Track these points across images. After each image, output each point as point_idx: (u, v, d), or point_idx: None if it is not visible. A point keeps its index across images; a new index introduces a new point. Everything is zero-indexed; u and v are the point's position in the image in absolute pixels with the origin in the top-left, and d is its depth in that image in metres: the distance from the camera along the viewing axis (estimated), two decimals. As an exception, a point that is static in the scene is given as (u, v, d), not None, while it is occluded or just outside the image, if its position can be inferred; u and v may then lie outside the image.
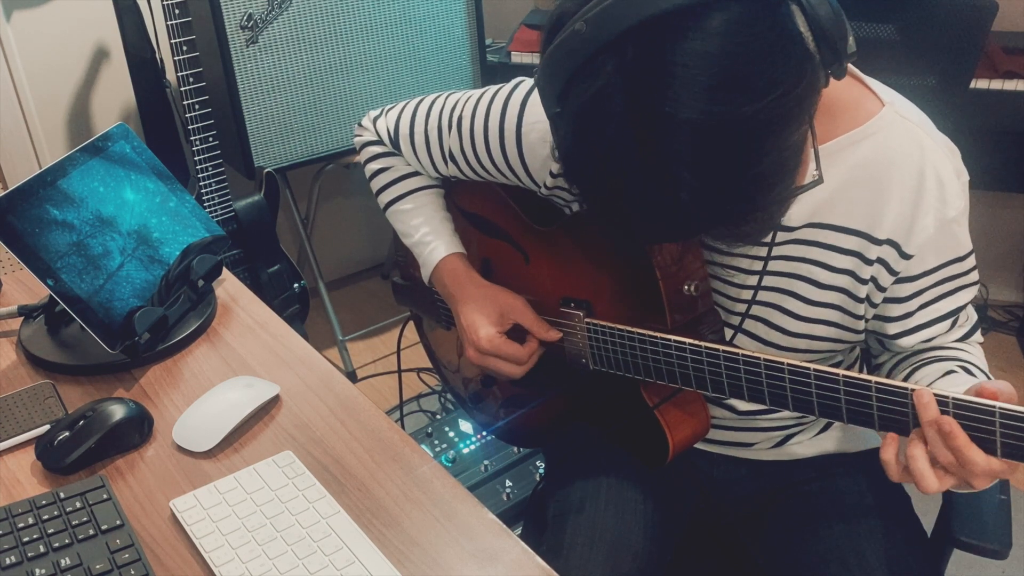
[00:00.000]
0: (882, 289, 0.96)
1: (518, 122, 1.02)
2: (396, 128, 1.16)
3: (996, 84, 2.10)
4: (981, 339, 1.02)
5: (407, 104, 1.17)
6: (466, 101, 1.09)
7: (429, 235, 1.19)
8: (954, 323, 0.98)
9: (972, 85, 2.04)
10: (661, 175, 0.72)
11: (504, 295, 1.13)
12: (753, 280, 1.00)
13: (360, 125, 1.23)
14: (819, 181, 0.80)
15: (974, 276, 0.98)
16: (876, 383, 0.81)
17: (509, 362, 1.11)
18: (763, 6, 0.70)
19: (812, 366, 0.85)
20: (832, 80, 0.76)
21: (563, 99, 0.75)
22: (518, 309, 1.12)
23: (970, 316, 1.01)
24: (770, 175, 0.73)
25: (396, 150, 1.18)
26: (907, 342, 0.99)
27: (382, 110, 1.20)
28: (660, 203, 0.74)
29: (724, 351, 0.91)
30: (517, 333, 1.13)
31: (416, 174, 1.21)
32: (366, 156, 1.23)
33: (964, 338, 1.00)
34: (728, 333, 1.04)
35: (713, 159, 0.71)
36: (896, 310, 0.97)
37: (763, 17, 0.69)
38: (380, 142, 1.20)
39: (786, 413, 1.08)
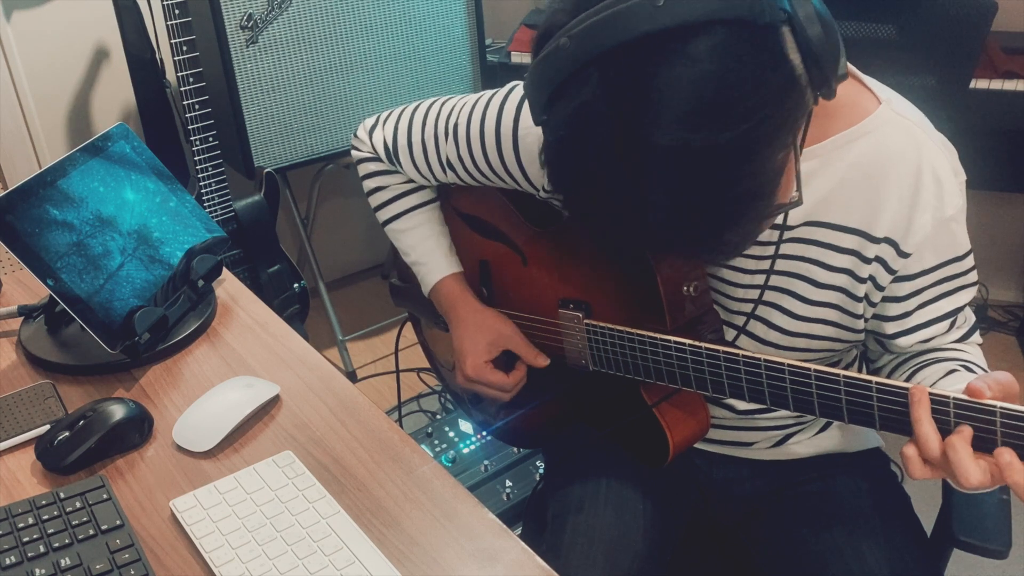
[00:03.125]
0: (880, 288, 0.96)
1: (514, 126, 1.02)
2: (394, 139, 1.16)
3: (996, 84, 2.10)
4: (980, 340, 1.01)
5: (402, 112, 1.17)
6: (461, 108, 1.09)
7: (426, 255, 1.21)
8: (952, 324, 0.98)
9: (972, 85, 2.04)
10: (635, 195, 0.72)
11: (495, 321, 1.16)
12: (759, 279, 1.00)
13: (356, 137, 1.22)
14: (798, 203, 0.80)
15: (973, 276, 0.97)
16: (877, 383, 0.81)
17: (493, 389, 1.16)
18: (750, 30, 0.69)
19: (812, 366, 0.85)
20: None
21: (547, 110, 0.76)
22: (507, 336, 1.15)
23: (968, 318, 1.00)
24: (746, 199, 0.73)
25: (394, 162, 1.18)
26: (905, 342, 0.98)
27: (376, 119, 1.20)
28: (633, 218, 0.74)
29: (724, 352, 0.91)
30: (507, 357, 1.15)
31: (413, 191, 1.21)
32: (363, 172, 1.23)
33: (962, 339, 1.00)
34: (730, 334, 1.04)
35: (687, 183, 0.71)
36: (894, 309, 0.97)
37: (749, 42, 0.69)
38: (376, 158, 1.20)
39: (785, 412, 1.08)
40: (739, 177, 0.71)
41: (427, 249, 1.21)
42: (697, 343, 0.93)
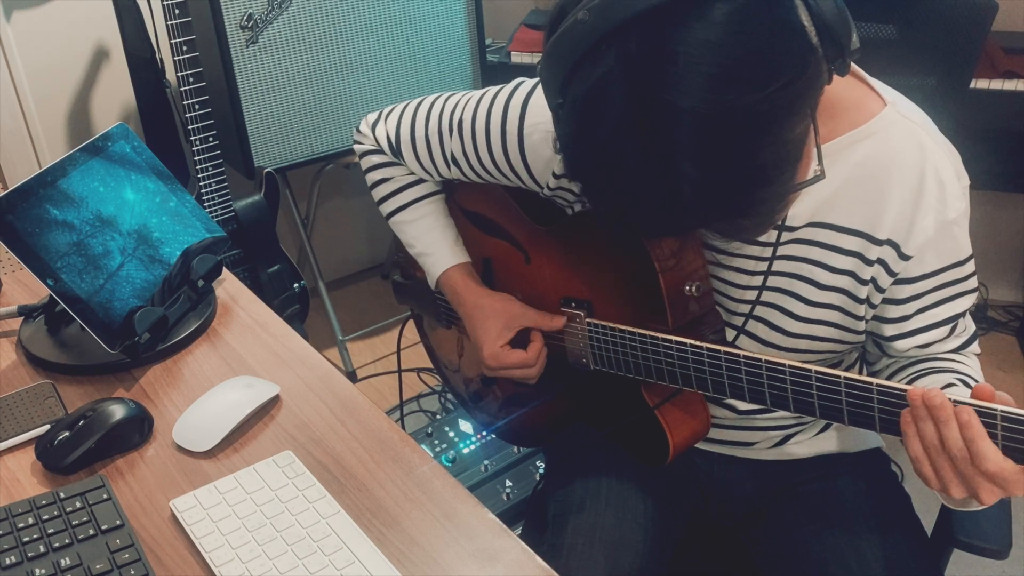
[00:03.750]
0: (881, 290, 0.96)
1: (520, 124, 1.02)
2: (396, 133, 1.16)
3: (996, 84, 2.10)
4: (978, 350, 1.01)
5: (406, 107, 1.17)
6: (466, 103, 1.09)
7: (431, 246, 1.20)
8: (952, 330, 0.98)
9: (972, 85, 2.04)
10: (661, 165, 0.71)
11: (501, 303, 1.14)
12: (757, 280, 0.99)
13: (359, 131, 1.22)
14: (821, 177, 0.80)
15: (973, 283, 0.97)
16: (877, 385, 0.80)
17: (519, 368, 1.13)
18: None
19: (814, 367, 0.84)
20: (835, 78, 0.76)
21: (565, 89, 0.75)
22: (517, 314, 1.13)
23: (968, 326, 1.00)
24: (770, 167, 0.73)
25: (397, 156, 1.18)
26: (903, 345, 0.98)
27: (379, 114, 1.19)
28: (659, 194, 0.73)
29: (725, 352, 0.91)
30: (522, 335, 1.14)
31: (418, 183, 1.20)
32: (367, 165, 1.23)
33: (961, 348, 0.99)
34: (730, 334, 1.04)
35: (713, 149, 0.70)
36: (893, 312, 0.97)
37: (765, 8, 0.69)
38: (380, 151, 1.20)
39: (786, 413, 1.08)
40: (763, 144, 0.71)
41: (433, 240, 1.20)
42: (698, 343, 0.93)
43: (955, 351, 0.99)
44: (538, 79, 0.88)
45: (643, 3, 0.68)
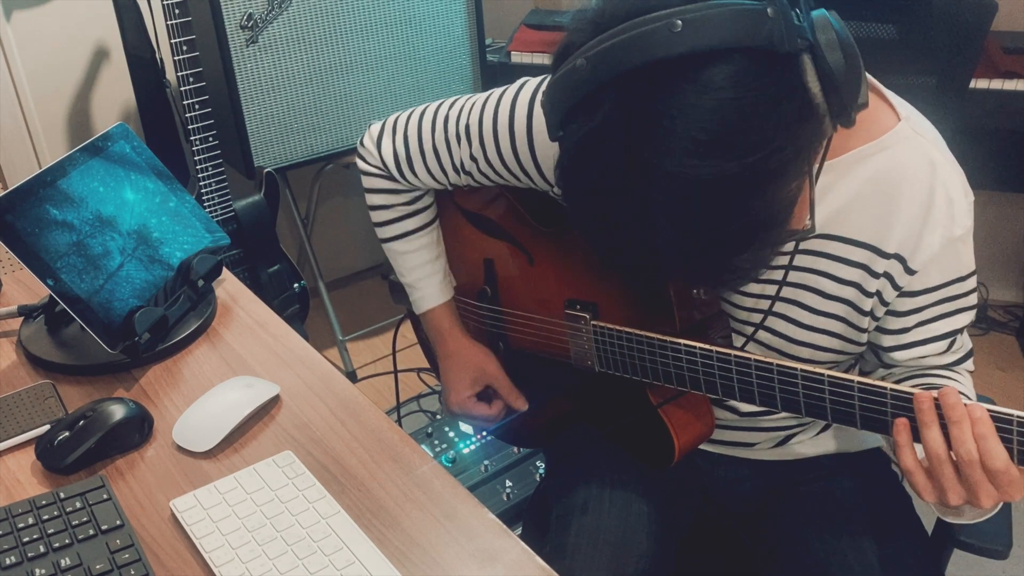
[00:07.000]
0: (885, 304, 0.96)
1: (528, 122, 1.01)
2: (404, 147, 1.13)
3: (996, 84, 2.10)
4: (972, 368, 1.01)
5: (410, 118, 1.14)
6: (471, 108, 1.07)
7: (420, 281, 1.23)
8: (949, 346, 0.98)
9: (972, 85, 2.04)
10: (643, 220, 0.72)
11: (480, 357, 1.22)
12: (771, 290, 0.99)
13: (362, 146, 1.18)
14: (811, 231, 0.79)
15: (973, 299, 0.97)
16: (891, 389, 0.80)
17: (479, 420, 1.23)
18: (770, 60, 0.68)
19: (826, 372, 0.84)
20: None
21: (562, 128, 0.76)
22: (490, 375, 1.22)
23: (964, 344, 1.00)
24: (755, 228, 0.73)
25: (404, 172, 1.14)
26: (900, 356, 0.99)
27: (382, 127, 1.16)
28: (639, 243, 0.74)
29: (735, 355, 0.90)
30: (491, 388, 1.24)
31: (415, 214, 1.20)
32: (367, 185, 1.21)
33: (955, 364, 1.00)
34: (738, 340, 1.04)
35: (695, 211, 0.70)
36: (894, 323, 0.97)
37: (767, 71, 0.68)
38: (382, 174, 1.17)
39: (788, 413, 1.08)
40: (749, 206, 0.71)
41: (423, 275, 1.22)
42: (707, 346, 0.92)
43: (949, 366, 0.99)
44: (543, 77, 0.88)
45: (636, 60, 0.68)
